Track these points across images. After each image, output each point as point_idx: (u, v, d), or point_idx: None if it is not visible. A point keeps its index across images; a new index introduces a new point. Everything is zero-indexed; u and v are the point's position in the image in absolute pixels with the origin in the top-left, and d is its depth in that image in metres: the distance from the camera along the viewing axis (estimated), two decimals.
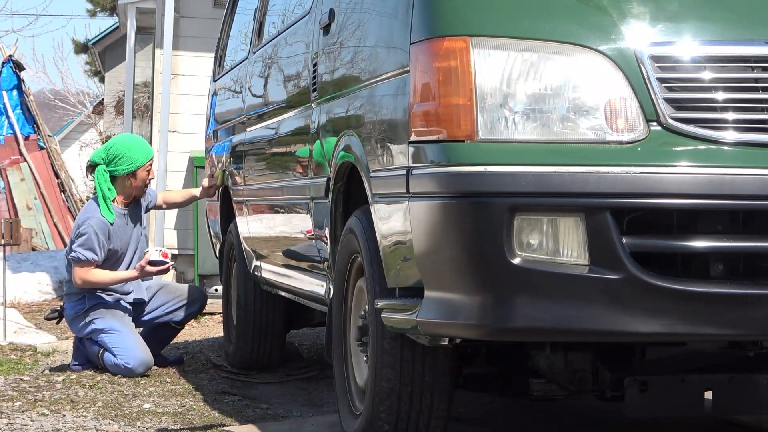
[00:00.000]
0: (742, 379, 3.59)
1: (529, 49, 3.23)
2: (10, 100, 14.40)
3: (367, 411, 3.79)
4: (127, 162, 6.23)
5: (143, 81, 18.01)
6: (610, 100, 3.21)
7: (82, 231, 6.15)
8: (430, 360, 3.69)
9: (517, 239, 3.16)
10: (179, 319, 6.53)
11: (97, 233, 6.11)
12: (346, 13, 4.16)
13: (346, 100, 4.07)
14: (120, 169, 6.23)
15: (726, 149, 3.19)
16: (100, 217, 6.15)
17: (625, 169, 3.15)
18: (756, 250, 3.20)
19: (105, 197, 6.18)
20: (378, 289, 3.71)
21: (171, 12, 9.95)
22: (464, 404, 5.06)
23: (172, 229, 10.24)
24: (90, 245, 6.11)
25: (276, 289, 5.72)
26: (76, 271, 6.14)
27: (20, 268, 11.22)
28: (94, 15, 25.06)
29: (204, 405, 5.28)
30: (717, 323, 3.16)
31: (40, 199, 14.08)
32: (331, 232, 4.31)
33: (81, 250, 6.12)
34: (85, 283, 6.16)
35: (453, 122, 3.23)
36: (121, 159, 6.22)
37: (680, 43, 3.23)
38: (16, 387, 5.72)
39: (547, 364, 3.71)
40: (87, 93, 29.59)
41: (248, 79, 5.95)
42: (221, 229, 6.82)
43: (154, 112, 10.89)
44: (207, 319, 8.77)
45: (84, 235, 6.13)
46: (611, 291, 3.13)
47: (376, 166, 3.69)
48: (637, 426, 4.57)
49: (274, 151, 5.36)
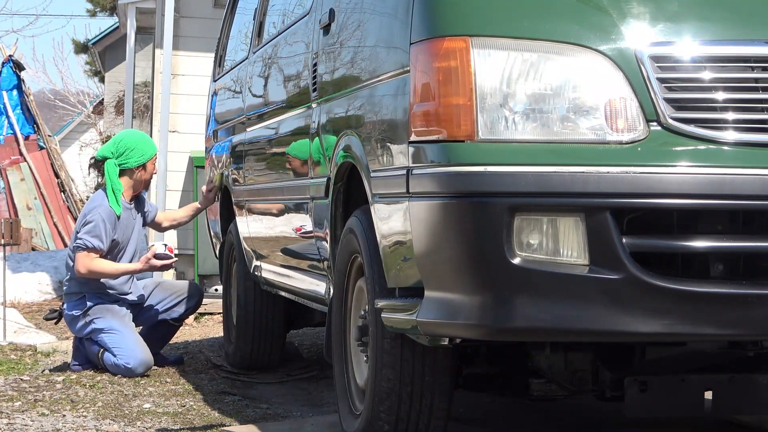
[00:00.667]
0: (742, 379, 3.59)
1: (529, 49, 3.23)
2: (10, 100, 14.40)
3: (367, 411, 3.79)
4: (138, 154, 6.28)
5: (143, 81, 18.02)
6: (610, 100, 3.21)
7: (90, 218, 6.16)
8: (430, 360, 3.69)
9: (517, 239, 3.16)
10: (177, 315, 6.54)
11: (104, 221, 6.13)
12: (346, 13, 4.16)
13: (346, 100, 4.07)
14: (131, 161, 6.27)
15: (726, 149, 3.19)
16: (108, 207, 6.17)
17: (625, 169, 3.15)
18: (756, 250, 3.20)
19: (114, 189, 6.21)
20: (378, 289, 3.71)
21: (171, 12, 9.95)
22: (464, 404, 5.06)
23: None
24: (97, 233, 6.12)
25: (276, 289, 5.72)
26: (81, 259, 6.13)
27: (20, 268, 11.22)
28: (94, 15, 25.07)
29: (204, 405, 5.28)
30: (717, 323, 3.16)
31: (40, 199, 14.09)
32: (331, 232, 4.31)
33: (88, 237, 6.12)
34: (89, 272, 6.15)
35: (453, 122, 3.23)
36: (133, 151, 6.27)
37: (680, 43, 3.23)
38: (16, 387, 5.72)
39: (547, 364, 3.71)
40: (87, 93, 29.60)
41: (248, 79, 5.95)
42: (221, 229, 6.82)
43: (154, 112, 10.89)
44: (207, 319, 8.77)
45: (91, 222, 6.14)
46: (611, 291, 3.13)
47: (376, 166, 3.69)
48: (637, 426, 4.57)
49: (274, 151, 5.36)
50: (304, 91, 4.72)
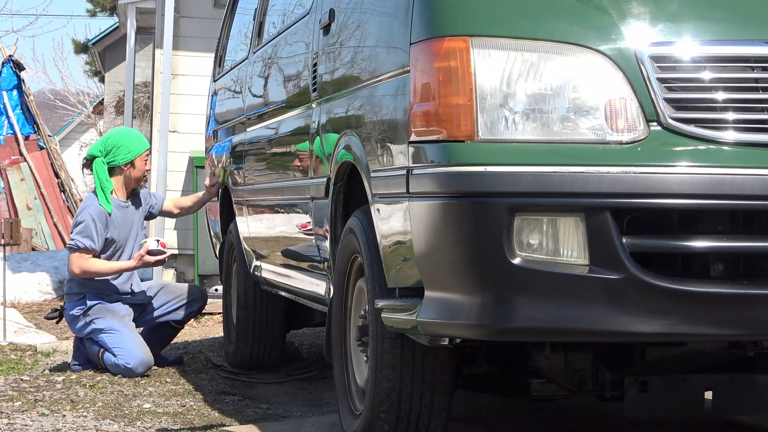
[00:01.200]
0: (742, 379, 3.59)
1: (529, 49, 3.23)
2: (10, 100, 14.40)
3: (367, 411, 3.79)
4: (125, 151, 6.27)
5: (143, 81, 18.03)
6: (610, 100, 3.21)
7: (80, 219, 6.19)
8: (430, 360, 3.69)
9: (517, 239, 3.16)
10: (179, 318, 6.54)
11: (94, 220, 6.14)
12: (346, 13, 4.16)
13: (346, 100, 4.07)
14: (118, 159, 6.27)
15: (726, 149, 3.19)
16: (98, 206, 6.18)
17: (625, 169, 3.14)
18: (756, 250, 3.20)
19: (103, 188, 6.22)
20: (378, 289, 3.71)
21: (171, 12, 9.95)
22: (464, 404, 5.06)
23: (172, 229, 10.24)
24: (88, 233, 6.13)
25: (276, 289, 5.72)
26: (74, 260, 6.16)
27: (20, 268, 11.22)
28: (94, 15, 25.07)
29: (204, 405, 5.28)
30: (717, 323, 3.16)
31: (40, 199, 14.09)
32: (331, 232, 4.31)
33: (79, 238, 6.15)
34: (82, 272, 6.16)
35: (453, 122, 3.23)
36: (119, 149, 6.27)
37: (680, 43, 3.23)
38: (16, 387, 5.72)
39: (547, 364, 3.71)
40: (87, 93, 29.62)
41: (248, 79, 5.96)
42: (221, 229, 6.82)
43: (154, 112, 10.88)
44: (207, 319, 8.78)
45: (82, 223, 6.17)
46: (611, 291, 3.13)
47: (376, 166, 3.69)
48: (637, 426, 4.57)
49: (274, 151, 5.36)
50: (304, 91, 4.72)
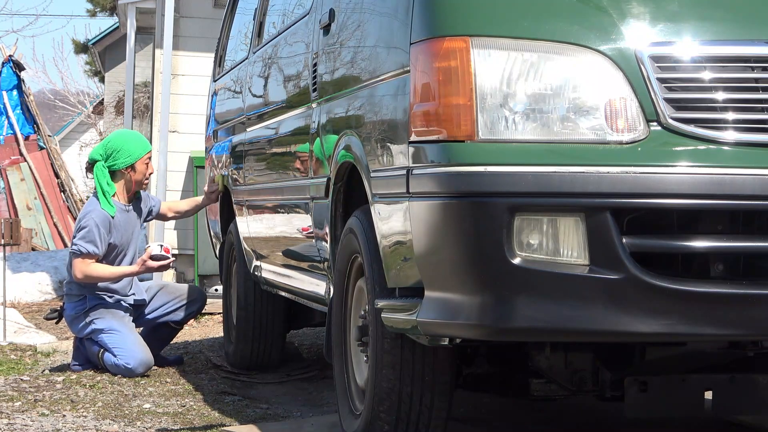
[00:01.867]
0: (742, 379, 3.59)
1: (529, 49, 3.23)
2: (10, 100, 14.40)
3: (367, 411, 3.79)
4: (126, 155, 6.26)
5: (143, 81, 18.03)
6: (610, 100, 3.21)
7: (83, 224, 6.17)
8: (430, 360, 3.69)
9: (517, 239, 3.16)
10: (179, 318, 6.54)
11: (98, 225, 6.13)
12: (346, 13, 4.16)
13: (346, 100, 4.07)
14: (119, 163, 6.26)
15: (726, 149, 3.19)
16: (101, 210, 6.17)
17: (625, 169, 3.14)
18: (756, 250, 3.20)
19: (105, 192, 6.21)
20: (378, 289, 3.71)
21: (171, 12, 9.95)
22: (464, 404, 5.06)
23: (172, 229, 10.24)
24: (91, 238, 6.12)
25: (276, 289, 5.72)
26: (77, 265, 6.14)
27: (20, 268, 11.22)
28: (94, 15, 25.07)
29: (204, 405, 5.28)
30: (717, 323, 3.16)
31: (40, 199, 14.09)
32: (331, 232, 4.31)
33: (82, 243, 6.13)
34: (85, 278, 6.15)
35: (453, 122, 3.23)
36: (120, 152, 6.26)
37: (680, 43, 3.23)
38: (16, 387, 5.72)
39: (547, 364, 3.71)
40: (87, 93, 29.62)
41: (248, 79, 5.96)
42: (221, 229, 6.82)
43: (154, 112, 10.89)
44: (207, 319, 8.78)
45: (85, 228, 6.15)
46: (611, 291, 3.13)
47: (376, 166, 3.69)
48: (637, 426, 4.57)
49: (274, 151, 5.36)
50: (304, 91, 4.72)
